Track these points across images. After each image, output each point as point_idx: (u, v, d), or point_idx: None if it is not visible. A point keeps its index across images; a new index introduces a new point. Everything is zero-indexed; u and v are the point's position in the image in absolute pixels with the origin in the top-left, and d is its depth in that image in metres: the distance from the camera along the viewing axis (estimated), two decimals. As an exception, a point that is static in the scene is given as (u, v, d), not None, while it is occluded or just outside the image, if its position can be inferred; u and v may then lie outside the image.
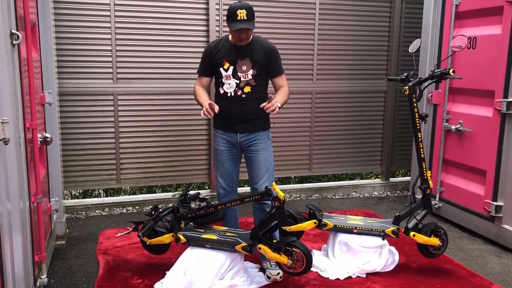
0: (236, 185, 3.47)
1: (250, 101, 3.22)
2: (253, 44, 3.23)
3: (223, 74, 3.24)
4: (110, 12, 4.54)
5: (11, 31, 2.37)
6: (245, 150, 3.33)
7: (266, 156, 3.30)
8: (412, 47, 3.49)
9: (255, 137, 3.29)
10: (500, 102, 3.88)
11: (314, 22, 5.16)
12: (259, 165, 3.29)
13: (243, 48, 3.21)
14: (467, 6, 4.25)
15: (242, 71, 3.21)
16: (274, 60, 3.27)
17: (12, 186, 2.37)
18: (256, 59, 3.20)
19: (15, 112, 2.40)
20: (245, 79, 3.21)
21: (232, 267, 3.09)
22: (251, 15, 3.09)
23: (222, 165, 3.38)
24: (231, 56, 3.22)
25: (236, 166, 3.42)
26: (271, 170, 3.33)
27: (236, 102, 3.24)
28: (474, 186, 4.22)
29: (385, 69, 5.52)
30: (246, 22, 3.05)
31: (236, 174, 3.43)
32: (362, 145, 5.61)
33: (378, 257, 3.42)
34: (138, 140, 4.83)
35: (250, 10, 3.08)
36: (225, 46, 3.26)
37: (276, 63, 3.28)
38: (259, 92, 3.26)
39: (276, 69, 3.30)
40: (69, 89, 4.52)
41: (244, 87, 3.23)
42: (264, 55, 3.22)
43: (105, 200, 4.96)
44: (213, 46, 3.31)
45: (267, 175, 3.29)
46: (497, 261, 3.71)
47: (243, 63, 3.20)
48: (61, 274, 3.37)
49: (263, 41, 3.29)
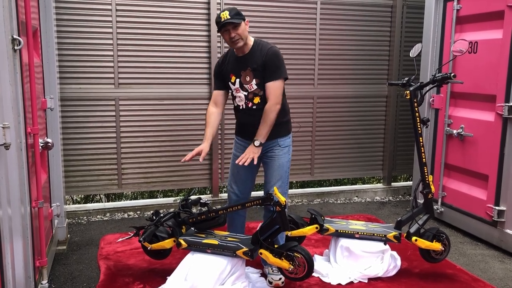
0: (249, 193, 3.42)
1: (261, 111, 3.12)
2: (254, 50, 3.14)
3: (232, 88, 3.23)
4: (112, 18, 4.56)
5: (13, 37, 2.37)
6: (262, 156, 3.27)
7: (280, 163, 3.24)
8: (413, 52, 3.50)
9: (271, 144, 3.22)
10: (501, 107, 3.87)
11: (315, 27, 5.17)
12: (272, 172, 3.25)
13: (244, 58, 3.15)
14: (468, 10, 4.25)
15: (246, 82, 3.15)
16: (270, 64, 3.08)
17: (13, 191, 2.37)
18: (255, 67, 3.11)
19: (17, 117, 2.40)
20: (251, 90, 3.16)
21: (233, 272, 3.08)
22: (235, 14, 3.03)
23: (237, 171, 3.34)
24: (235, 68, 3.18)
25: (253, 174, 3.37)
26: (284, 177, 3.28)
27: (249, 114, 3.21)
28: (476, 191, 4.21)
29: (386, 74, 5.53)
30: (228, 20, 3.01)
31: (250, 181, 3.39)
32: (364, 149, 5.60)
33: (380, 262, 3.40)
34: (140, 145, 4.83)
35: (233, 11, 3.04)
36: (231, 60, 3.22)
37: (270, 68, 3.08)
38: None
39: (268, 74, 3.09)
40: (71, 94, 4.54)
41: (253, 98, 3.16)
42: (261, 59, 3.09)
43: (107, 205, 4.96)
44: (221, 60, 3.30)
45: (279, 183, 3.25)
46: (499, 266, 3.70)
47: (246, 74, 3.15)
48: (62, 279, 3.37)
49: (264, 45, 3.14)
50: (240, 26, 3.04)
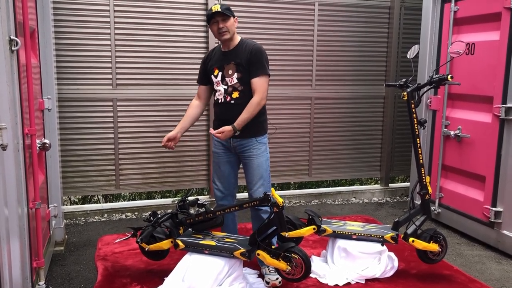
0: (234, 189, 3.47)
1: (239, 107, 3.18)
2: (239, 47, 3.24)
3: (214, 81, 3.31)
4: (110, 19, 4.56)
5: (10, 37, 2.38)
6: (240, 155, 3.34)
7: (259, 163, 3.28)
8: (411, 53, 3.51)
9: (247, 143, 3.27)
10: (498, 108, 3.88)
11: (313, 28, 5.18)
12: (252, 172, 3.29)
13: (229, 53, 3.25)
14: (465, 12, 4.27)
15: (228, 76, 3.23)
16: (255, 61, 3.15)
17: (10, 192, 2.37)
18: (239, 62, 3.19)
19: (14, 118, 2.40)
20: (231, 83, 3.22)
21: (231, 273, 3.08)
22: (225, 9, 3.15)
23: (219, 167, 3.42)
24: (219, 62, 3.28)
25: (233, 169, 3.42)
26: (265, 176, 3.31)
27: (226, 108, 3.26)
28: (473, 192, 4.22)
29: (384, 75, 5.54)
30: (218, 12, 3.13)
31: (233, 177, 3.43)
32: (362, 151, 5.61)
33: (377, 263, 3.41)
34: (137, 146, 4.83)
35: (224, 5, 3.17)
36: (217, 54, 3.33)
37: (256, 64, 3.15)
38: (249, 97, 3.19)
39: (254, 70, 3.15)
40: (69, 95, 4.53)
41: (232, 92, 3.23)
42: (246, 56, 3.17)
43: (104, 206, 4.96)
44: (207, 56, 3.42)
45: (261, 181, 3.28)
46: (496, 267, 3.71)
47: (229, 67, 3.22)
48: (59, 280, 3.36)
49: (249, 43, 3.25)
50: (229, 20, 3.17)
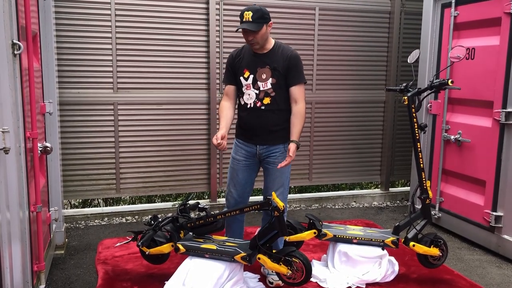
0: (247, 197, 3.39)
1: (270, 113, 3.12)
2: (274, 51, 3.13)
3: (243, 83, 3.16)
4: (111, 23, 4.57)
5: (13, 41, 2.38)
6: (263, 160, 3.26)
7: (283, 170, 3.19)
8: (411, 58, 3.51)
9: (275, 149, 3.20)
10: (498, 113, 3.89)
11: (314, 32, 5.20)
12: (275, 178, 3.22)
13: (264, 56, 3.12)
14: (465, 17, 4.28)
15: (261, 80, 3.10)
16: (294, 68, 3.10)
17: (11, 195, 2.37)
18: (275, 67, 3.09)
19: (16, 121, 2.41)
20: (264, 88, 3.11)
21: (231, 277, 3.08)
22: (258, 17, 2.97)
23: (236, 174, 3.30)
24: (251, 64, 3.14)
25: (251, 177, 3.33)
26: (286, 184, 3.26)
27: (256, 114, 3.15)
28: (474, 196, 4.22)
29: (384, 79, 5.55)
30: (248, 23, 2.97)
31: (249, 186, 3.35)
32: (362, 155, 5.62)
33: (377, 268, 3.41)
34: (138, 149, 4.84)
35: (257, 13, 2.97)
36: (247, 54, 3.18)
37: (295, 71, 3.11)
38: (280, 104, 3.13)
39: (294, 77, 3.11)
40: (70, 98, 4.54)
41: (264, 98, 3.12)
42: (284, 62, 3.08)
43: (105, 209, 4.95)
44: (235, 54, 3.24)
45: (281, 189, 3.23)
46: (497, 272, 3.70)
47: (263, 71, 3.11)
48: (59, 284, 3.36)
49: (285, 48, 3.15)
50: (260, 31, 3.00)
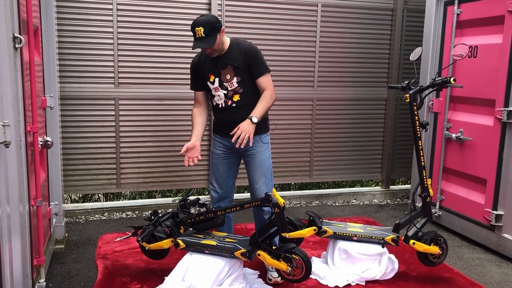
0: (231, 191, 3.44)
1: (242, 108, 3.18)
2: (231, 49, 3.15)
3: (211, 87, 3.24)
4: (113, 17, 4.56)
5: (14, 35, 2.38)
6: (242, 154, 3.32)
7: (261, 160, 3.26)
8: (413, 55, 3.50)
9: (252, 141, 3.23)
10: (500, 111, 3.88)
11: (316, 29, 5.18)
12: (255, 169, 3.27)
13: (223, 57, 3.15)
14: (468, 15, 4.27)
15: (227, 81, 3.16)
16: (254, 61, 3.13)
17: (12, 189, 2.37)
18: (236, 65, 3.13)
19: (17, 115, 2.40)
20: (231, 88, 3.17)
21: (231, 273, 3.08)
22: (210, 30, 2.97)
23: (217, 168, 3.38)
24: (213, 67, 3.19)
25: (232, 171, 3.39)
26: (267, 174, 3.29)
27: (229, 112, 3.22)
28: (475, 195, 4.22)
29: (386, 77, 5.54)
30: (202, 40, 2.98)
31: (231, 180, 3.40)
32: (363, 152, 5.61)
33: (377, 265, 3.41)
34: (139, 145, 4.83)
35: (208, 26, 2.96)
36: (207, 59, 3.21)
37: (255, 64, 3.13)
38: (250, 97, 3.19)
39: (257, 70, 3.14)
40: (71, 93, 4.53)
41: (233, 96, 3.19)
42: (243, 58, 3.12)
43: (105, 204, 4.96)
44: (197, 60, 3.29)
45: (263, 179, 3.26)
46: (497, 270, 3.70)
47: (226, 72, 3.16)
48: (59, 278, 3.37)
49: (241, 44, 3.17)
50: (215, 43, 3.02)
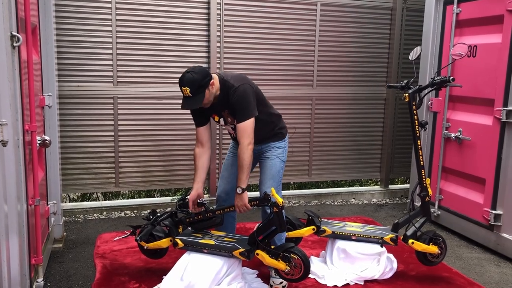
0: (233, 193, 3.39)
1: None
2: (222, 94, 3.08)
3: (218, 125, 3.29)
4: (112, 16, 4.55)
5: (12, 33, 2.37)
6: (257, 158, 3.35)
7: (272, 163, 3.26)
8: (413, 55, 3.50)
9: (266, 147, 3.30)
10: (499, 111, 3.88)
11: (315, 28, 5.17)
12: (265, 171, 3.28)
13: (219, 103, 3.11)
14: (467, 14, 4.26)
15: (230, 122, 3.20)
16: (237, 107, 3.04)
17: (10, 188, 2.36)
18: (231, 112, 3.12)
19: (14, 114, 2.40)
20: (236, 123, 3.10)
21: (229, 272, 3.08)
22: (196, 89, 2.93)
23: (229, 168, 3.39)
24: (216, 110, 3.19)
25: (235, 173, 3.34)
26: (276, 177, 3.27)
27: None
28: (473, 194, 4.22)
29: (385, 76, 5.53)
30: (189, 100, 2.97)
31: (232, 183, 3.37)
32: (362, 151, 5.61)
33: (376, 265, 3.40)
34: (137, 144, 4.83)
35: (193, 85, 2.92)
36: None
37: (237, 110, 3.05)
38: (257, 124, 3.09)
39: (238, 116, 3.05)
40: (69, 92, 4.53)
41: None
42: (231, 104, 3.05)
43: (103, 203, 4.95)
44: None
45: (270, 182, 3.24)
46: (495, 270, 3.70)
47: (226, 115, 3.19)
48: (57, 278, 3.36)
49: (228, 87, 3.05)
50: (204, 100, 2.99)
